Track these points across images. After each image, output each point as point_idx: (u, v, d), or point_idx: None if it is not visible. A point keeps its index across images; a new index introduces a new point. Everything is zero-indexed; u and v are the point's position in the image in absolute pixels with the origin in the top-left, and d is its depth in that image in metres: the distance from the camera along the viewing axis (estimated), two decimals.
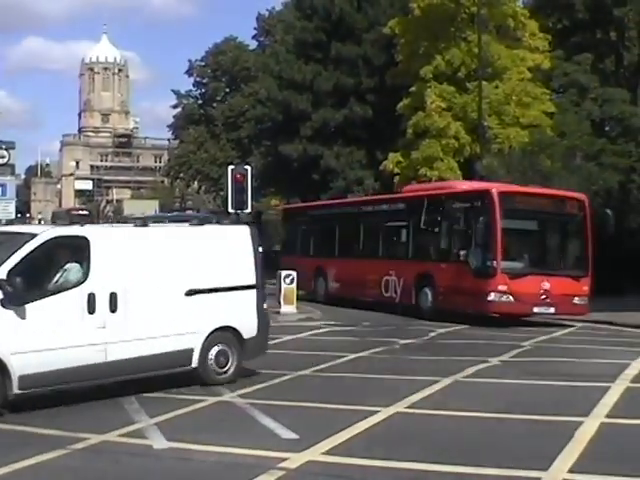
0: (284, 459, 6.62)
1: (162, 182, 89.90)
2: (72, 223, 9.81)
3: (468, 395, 9.64)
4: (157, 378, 9.63)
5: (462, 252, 18.32)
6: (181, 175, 70.12)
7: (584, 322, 18.38)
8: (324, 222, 25.29)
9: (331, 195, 36.94)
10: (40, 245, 8.79)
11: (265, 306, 10.94)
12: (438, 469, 6.40)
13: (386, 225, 22.14)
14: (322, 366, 11.71)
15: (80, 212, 72.51)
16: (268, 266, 12.82)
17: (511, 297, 17.32)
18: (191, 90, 69.50)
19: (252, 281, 10.60)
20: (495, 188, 18.07)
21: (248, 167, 24.27)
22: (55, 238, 9.01)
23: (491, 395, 9.68)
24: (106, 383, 9.25)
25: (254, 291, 10.63)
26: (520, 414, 8.41)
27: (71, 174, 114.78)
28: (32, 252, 8.68)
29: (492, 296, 17.31)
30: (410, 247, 20.68)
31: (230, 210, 23.52)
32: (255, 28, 62.32)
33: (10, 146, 21.09)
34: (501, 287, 17.29)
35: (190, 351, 9.91)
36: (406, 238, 21.03)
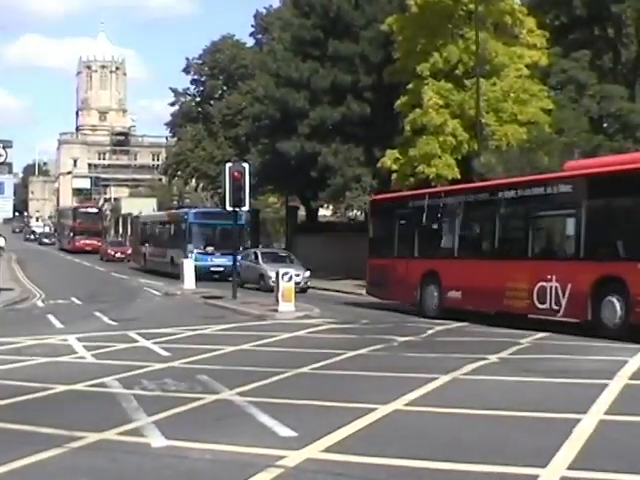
0: (282, 457, 6.59)
1: (160, 180, 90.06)
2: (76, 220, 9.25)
3: (466, 392, 9.62)
4: (154, 374, 9.59)
5: None
6: (179, 173, 70.20)
7: None
8: (438, 214, 20.56)
9: (329, 193, 36.95)
10: None
11: None
12: (436, 466, 6.38)
13: (539, 215, 17.48)
14: (320, 364, 11.70)
15: (89, 209, 71.54)
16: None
17: None
18: (188, 88, 69.79)
19: None
20: None
21: (246, 165, 24.36)
22: None
23: (489, 392, 9.67)
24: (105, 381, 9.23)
25: None
26: (518, 411, 8.39)
27: (69, 172, 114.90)
28: None
29: None
30: (582, 243, 15.87)
31: (228, 208, 23.58)
32: (252, 26, 62.54)
33: (7, 144, 21.13)
34: None
35: None
36: (575, 231, 16.25)
